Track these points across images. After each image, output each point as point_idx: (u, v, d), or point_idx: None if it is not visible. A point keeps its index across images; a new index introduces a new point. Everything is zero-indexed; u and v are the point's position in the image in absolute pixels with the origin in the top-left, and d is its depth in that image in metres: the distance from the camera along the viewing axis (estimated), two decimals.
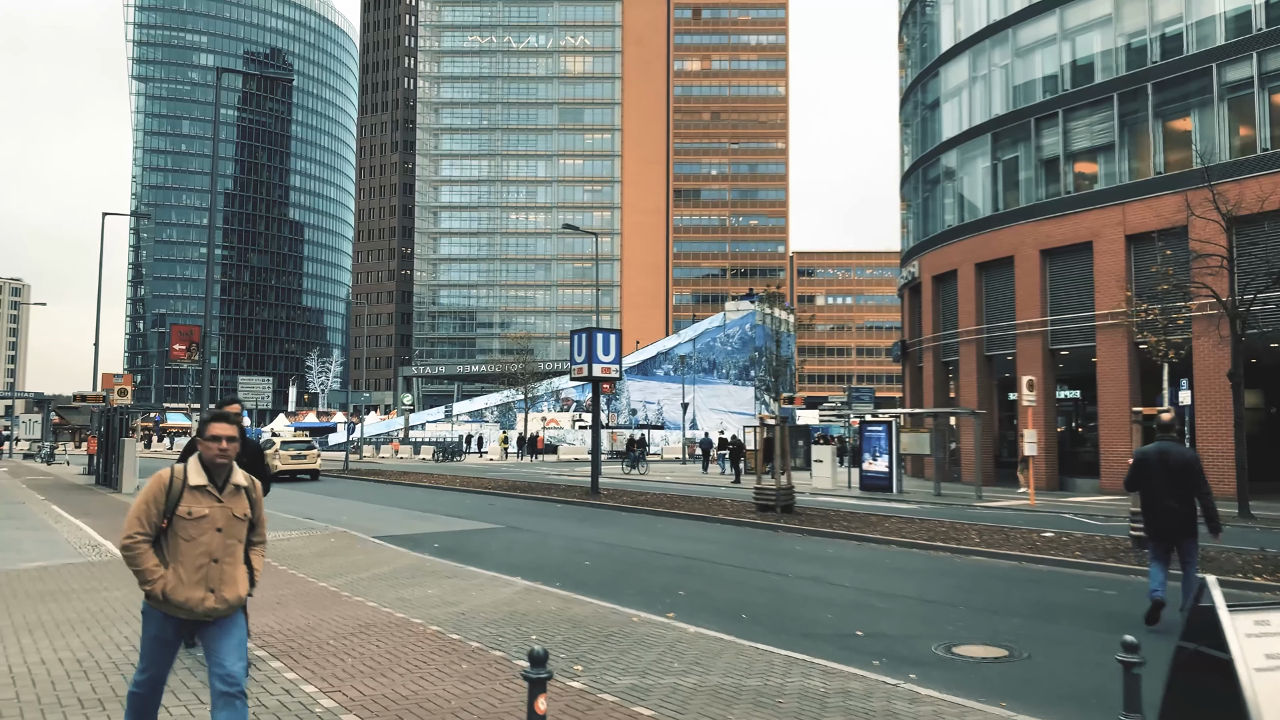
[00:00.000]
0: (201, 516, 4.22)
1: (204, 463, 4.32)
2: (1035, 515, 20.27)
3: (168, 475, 4.25)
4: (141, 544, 4.15)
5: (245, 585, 4.40)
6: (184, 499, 4.22)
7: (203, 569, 4.21)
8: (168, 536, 4.22)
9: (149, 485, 4.23)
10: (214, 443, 4.30)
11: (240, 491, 4.39)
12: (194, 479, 4.24)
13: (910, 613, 9.56)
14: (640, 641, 7.79)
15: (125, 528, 4.14)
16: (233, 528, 4.31)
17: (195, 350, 22.10)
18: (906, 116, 39.26)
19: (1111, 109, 27.46)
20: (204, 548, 4.22)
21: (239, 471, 4.43)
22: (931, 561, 13.10)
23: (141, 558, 4.12)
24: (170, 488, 4.24)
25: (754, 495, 19.06)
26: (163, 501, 4.21)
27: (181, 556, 4.17)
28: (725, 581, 11.37)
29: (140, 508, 4.16)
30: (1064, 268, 28.72)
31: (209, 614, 4.22)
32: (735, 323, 74.25)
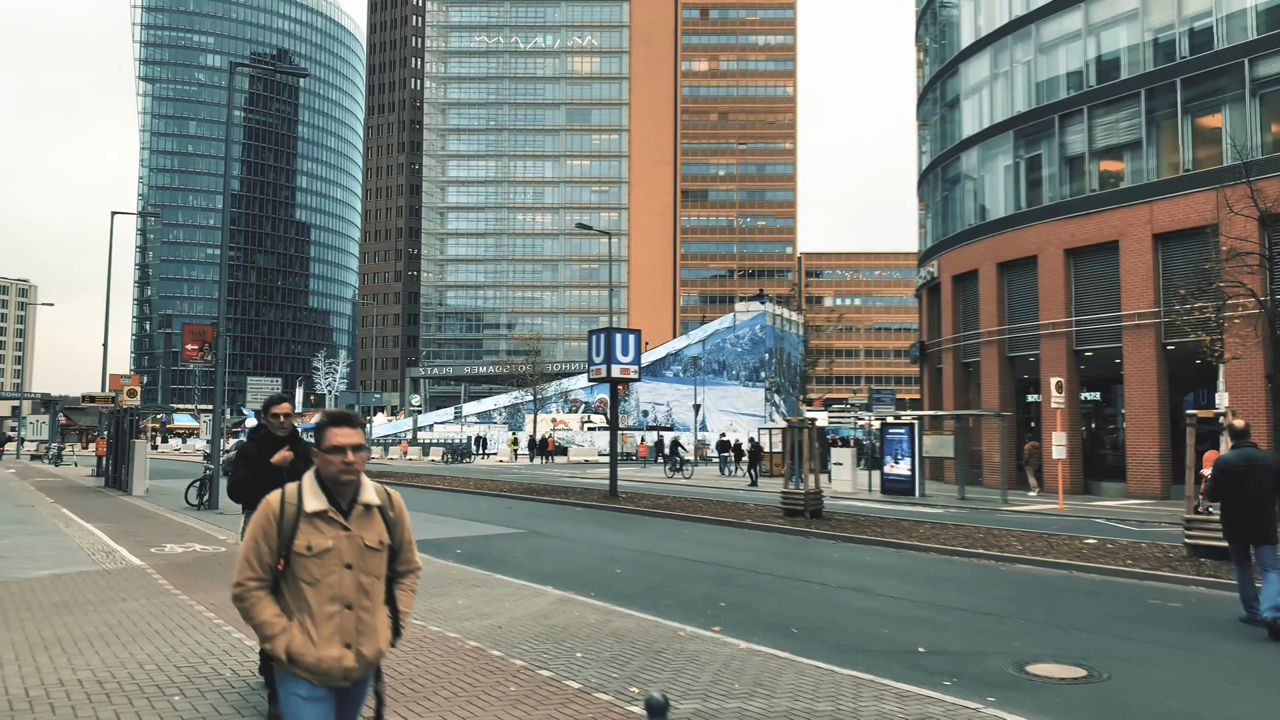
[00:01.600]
0: (324, 551, 3.25)
1: (323, 481, 3.33)
2: (1067, 520, 19.76)
3: (276, 501, 3.29)
4: (254, 591, 3.23)
5: (387, 635, 3.39)
6: (300, 530, 3.25)
7: (335, 619, 3.24)
8: (286, 580, 3.27)
9: (258, 516, 3.29)
10: (337, 455, 3.27)
11: (372, 513, 3.37)
12: (310, 503, 3.27)
13: (969, 626, 9.07)
14: (693, 659, 7.32)
15: (235, 571, 3.27)
16: (366, 561, 3.32)
17: (208, 350, 21.68)
18: (924, 115, 38.75)
19: (1139, 105, 26.94)
20: (333, 592, 3.25)
21: (369, 486, 3.40)
22: (976, 570, 12.61)
23: (256, 607, 3.22)
24: (281, 517, 3.26)
25: (781, 500, 18.58)
26: (274, 535, 3.24)
27: (307, 604, 3.23)
28: (767, 592, 10.89)
29: (249, 546, 3.28)
30: (1089, 267, 28.19)
31: (347, 676, 3.26)
32: (745, 324, 73.70)
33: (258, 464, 5.96)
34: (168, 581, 10.51)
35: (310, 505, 3.27)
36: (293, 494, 3.32)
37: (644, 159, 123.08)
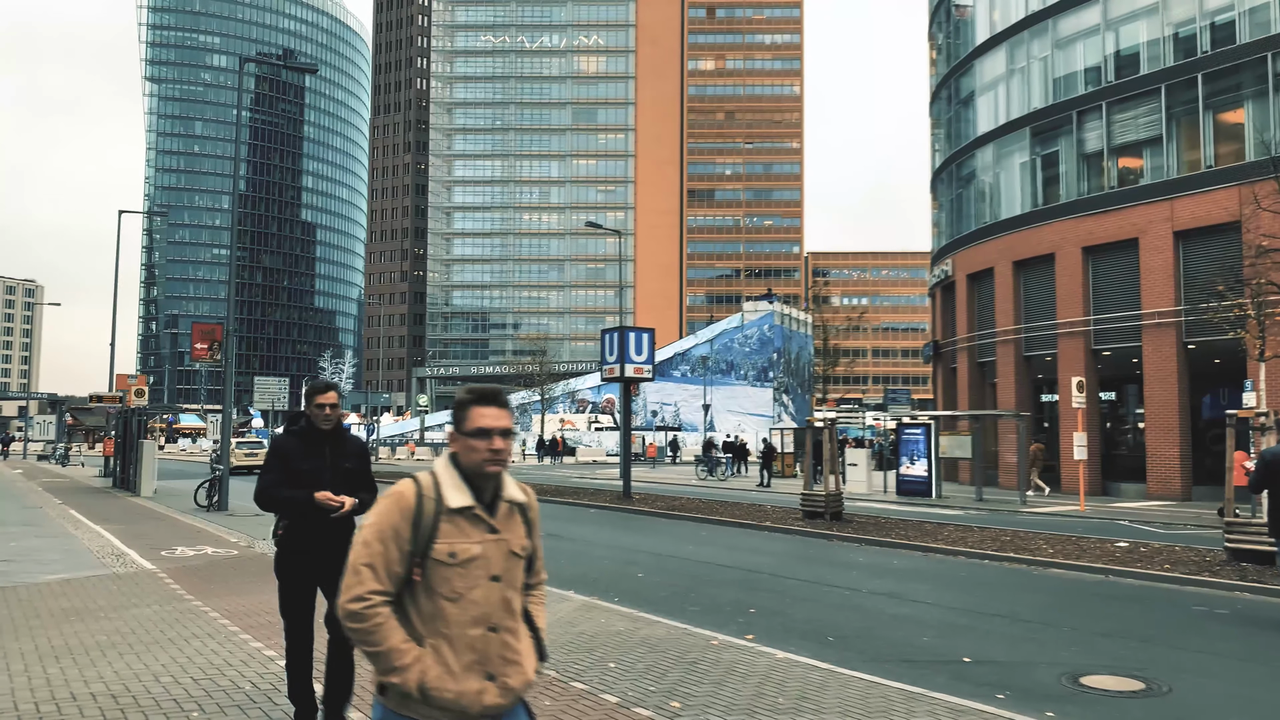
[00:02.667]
0: (470, 559, 2.60)
1: (462, 470, 2.67)
2: (1090, 522, 19.40)
3: (412, 493, 2.62)
4: (380, 608, 2.54)
5: (533, 661, 2.76)
6: (440, 530, 2.59)
7: (477, 644, 2.59)
8: (416, 594, 2.60)
9: (383, 510, 2.61)
10: (482, 440, 2.63)
11: (516, 512, 2.76)
12: (454, 498, 2.62)
13: (1012, 634, 8.74)
14: (730, 670, 7.00)
15: (349, 583, 2.55)
16: (512, 572, 2.70)
17: (217, 349, 21.41)
18: (937, 112, 38.38)
19: (1159, 101, 26.55)
20: (478, 610, 2.60)
21: (509, 479, 2.78)
22: (1009, 574, 12.26)
23: (382, 630, 2.52)
24: (419, 513, 2.59)
25: (801, 501, 18.24)
26: (408, 537, 2.56)
27: (445, 625, 2.58)
28: (796, 598, 10.56)
29: (372, 550, 2.56)
30: (1108, 265, 27.81)
31: (487, 714, 2.62)
32: (753, 323, 73.34)
33: (297, 464, 5.00)
34: (180, 586, 10.21)
35: (453, 500, 2.61)
36: (429, 484, 2.64)
37: (650, 158, 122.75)
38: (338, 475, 5.04)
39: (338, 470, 5.05)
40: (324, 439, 5.07)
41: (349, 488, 5.07)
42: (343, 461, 5.11)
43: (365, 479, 5.18)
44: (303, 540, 5.05)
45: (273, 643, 7.45)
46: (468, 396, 2.69)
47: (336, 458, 5.08)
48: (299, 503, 4.95)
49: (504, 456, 2.66)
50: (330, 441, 5.09)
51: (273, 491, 5.04)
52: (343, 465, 5.10)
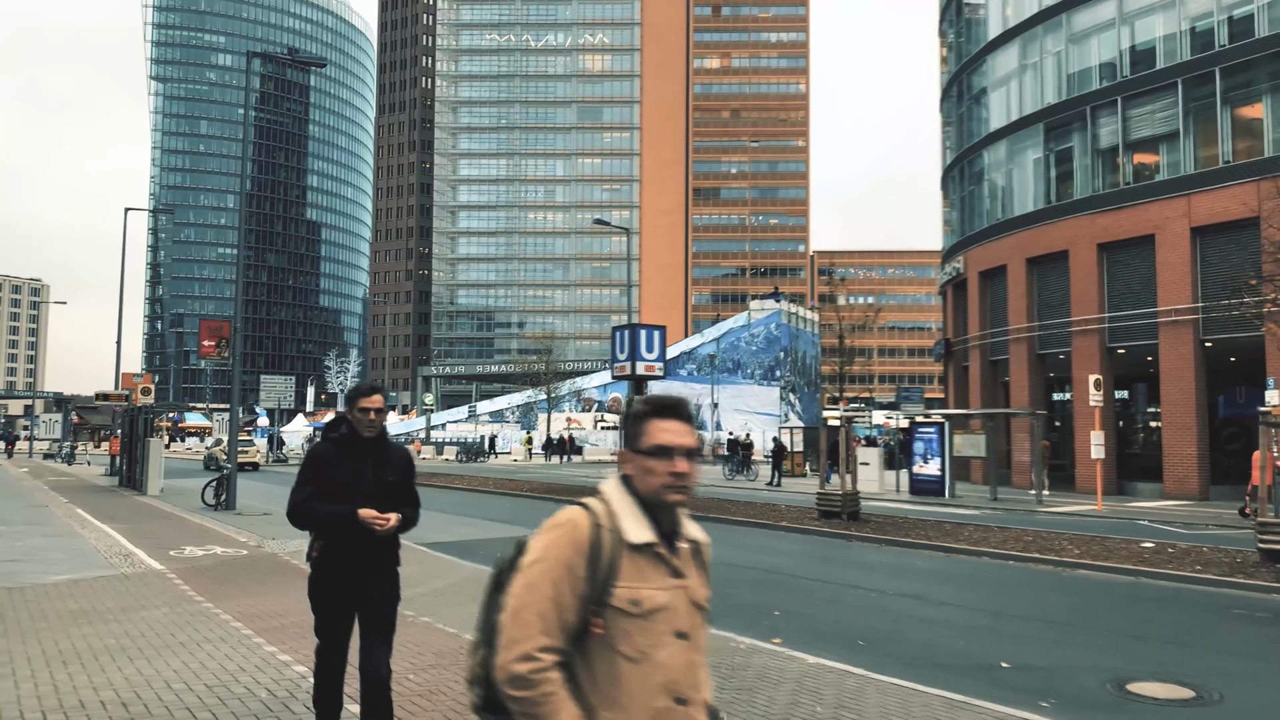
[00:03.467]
0: (655, 610, 2.08)
1: (641, 500, 2.16)
2: (1109, 522, 19.11)
3: (586, 522, 2.11)
4: (550, 671, 2.01)
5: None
6: (621, 570, 2.07)
7: (661, 719, 2.06)
8: (590, 652, 2.07)
9: (552, 543, 2.09)
10: (662, 460, 2.14)
11: (698, 553, 2.26)
12: (634, 531, 2.11)
13: (1046, 638, 8.47)
14: (762, 676, 6.75)
15: (514, 635, 2.01)
16: (697, 630, 2.19)
17: (225, 346, 21.18)
18: (948, 109, 38.06)
19: (1175, 95, 26.21)
20: (663, 675, 2.07)
21: (684, 516, 2.25)
22: (1035, 576, 11.98)
23: (552, 703, 2.00)
24: (596, 548, 2.07)
25: (817, 501, 17.97)
26: (583, 576, 2.05)
27: (624, 694, 2.05)
28: (820, 600, 10.30)
29: (539, 590, 2.04)
30: (1123, 262, 27.49)
31: None
32: (760, 322, 72.97)
33: (336, 476, 4.46)
34: (190, 587, 9.98)
35: (633, 533, 2.10)
36: (604, 513, 2.13)
37: (655, 157, 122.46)
38: (380, 489, 4.48)
39: (380, 483, 4.50)
40: (366, 448, 4.53)
41: (392, 503, 4.50)
42: (386, 473, 4.55)
43: (409, 493, 4.67)
44: (342, 563, 4.47)
45: (287, 647, 7.21)
46: (644, 407, 2.22)
47: (379, 469, 4.52)
48: (339, 520, 4.38)
49: (688, 482, 2.15)
50: (373, 451, 4.54)
51: (308, 507, 4.45)
52: (386, 478, 4.53)
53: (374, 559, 4.52)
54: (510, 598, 2.07)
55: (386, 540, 4.53)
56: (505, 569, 2.23)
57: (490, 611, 2.21)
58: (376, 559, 4.53)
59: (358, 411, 4.50)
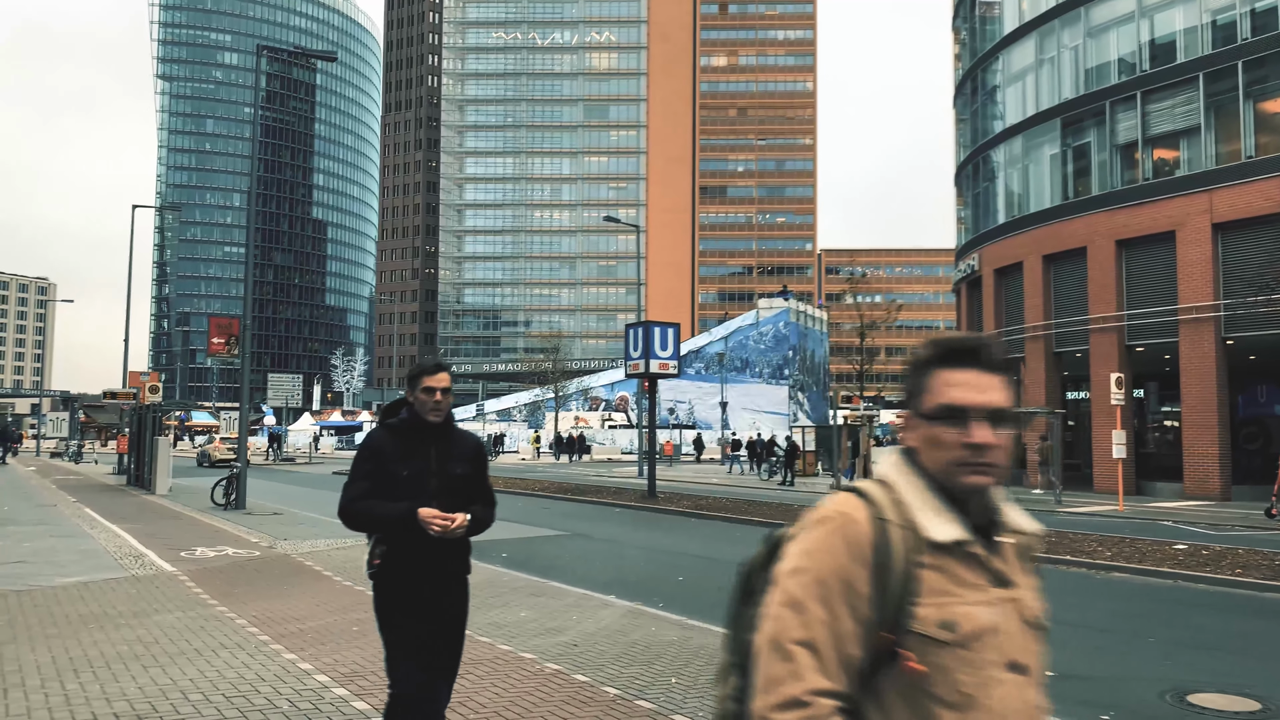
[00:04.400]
0: (979, 633, 1.52)
1: (936, 481, 1.60)
2: (1133, 523, 18.76)
3: (864, 515, 1.55)
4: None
5: None
6: (924, 584, 1.52)
7: None
8: (886, 697, 1.51)
9: (816, 547, 1.54)
10: (952, 427, 1.58)
11: (1026, 551, 1.72)
12: (935, 526, 1.56)
13: (1092, 645, 8.15)
14: None
15: (774, 673, 1.48)
16: (1036, 656, 1.66)
17: (234, 344, 20.93)
18: (962, 104, 37.68)
19: (1196, 90, 25.82)
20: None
21: (1003, 501, 1.69)
22: (1068, 579, 11.65)
23: None
24: (883, 551, 1.52)
25: None
26: (867, 593, 1.50)
27: None
28: None
29: (807, 613, 1.50)
30: (1142, 259, 27.11)
31: None
32: (768, 320, 72.67)
33: (395, 469, 3.84)
34: (203, 590, 9.71)
35: (935, 529, 1.54)
36: (887, 502, 1.56)
37: (662, 155, 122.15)
38: (446, 483, 3.86)
39: (446, 476, 3.87)
40: (430, 435, 3.91)
41: (460, 500, 3.87)
42: (453, 465, 3.92)
43: (482, 488, 4.05)
44: (411, 572, 3.82)
45: (307, 654, 6.93)
46: (930, 352, 1.64)
47: (444, 460, 3.90)
48: (397, 520, 3.75)
49: (993, 458, 1.56)
50: (438, 439, 3.92)
51: (361, 505, 3.82)
52: (453, 470, 3.91)
53: (445, 567, 3.91)
54: (767, 619, 1.52)
55: (458, 546, 3.93)
56: (755, 571, 1.73)
57: (741, 628, 1.69)
58: (448, 568, 3.92)
59: (421, 392, 3.88)
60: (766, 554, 1.72)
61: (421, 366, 3.95)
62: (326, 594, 9.67)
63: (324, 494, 25.71)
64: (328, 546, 13.37)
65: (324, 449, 66.95)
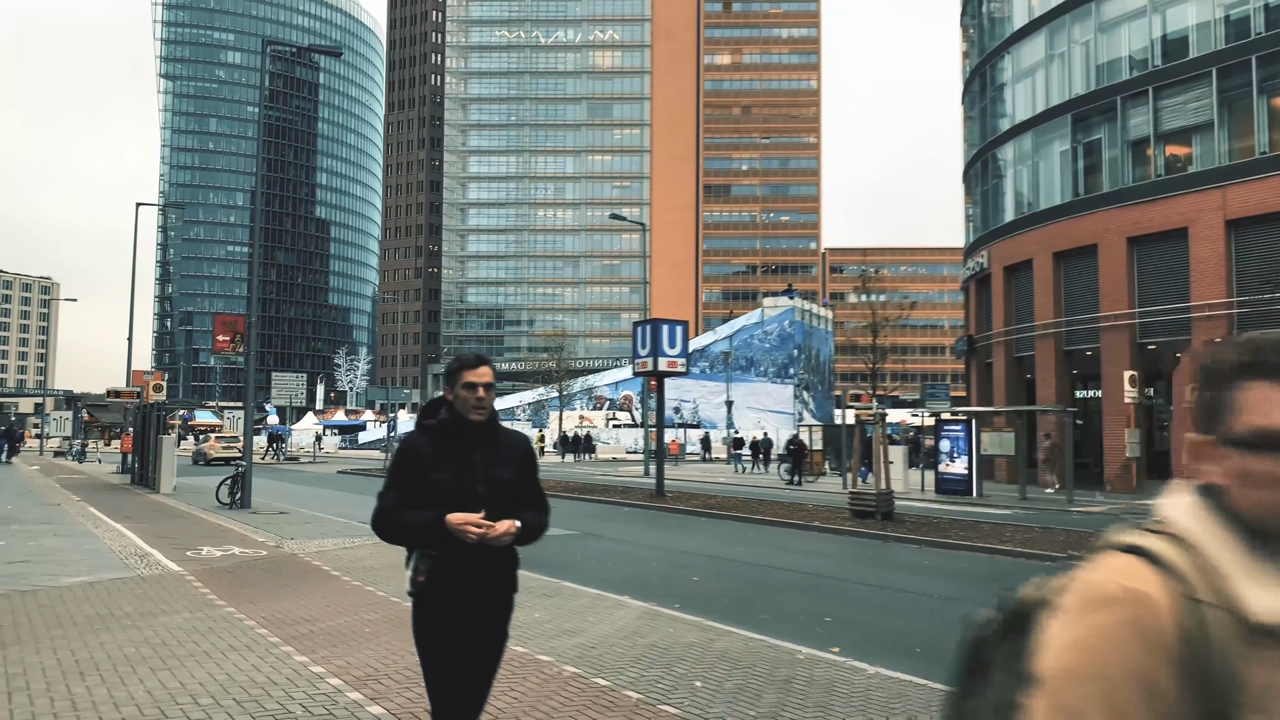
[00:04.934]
0: None
1: (1262, 536, 1.14)
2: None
3: (1163, 600, 1.09)
4: None
5: None
6: (1252, 682, 1.08)
7: None
8: None
9: (1100, 642, 1.09)
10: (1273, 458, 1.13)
11: None
12: (1268, 603, 1.10)
13: None
14: (829, 690, 6.25)
15: None
16: None
17: (239, 341, 20.76)
18: (970, 101, 37.45)
19: (1209, 85, 25.60)
20: None
21: None
22: None
23: None
24: (1196, 651, 1.08)
25: (849, 500, 17.47)
26: (1171, 702, 1.07)
27: None
28: (871, 605, 9.80)
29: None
30: (1154, 256, 26.88)
31: None
32: (773, 319, 72.40)
33: (434, 474, 3.42)
34: (210, 590, 9.52)
35: (1268, 606, 1.11)
36: (1192, 568, 1.13)
37: (666, 154, 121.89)
38: (492, 489, 3.43)
39: (491, 482, 3.44)
40: (474, 437, 3.48)
41: (509, 507, 3.43)
42: (500, 469, 3.49)
43: (533, 493, 3.61)
44: (455, 589, 3.41)
45: (318, 657, 6.74)
46: (1238, 357, 1.19)
47: (490, 464, 3.47)
48: (425, 530, 3.34)
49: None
50: (482, 440, 3.50)
51: (394, 515, 3.41)
52: (500, 475, 3.48)
53: (492, 582, 3.49)
54: None
55: (506, 560, 3.50)
56: (989, 644, 1.34)
57: (964, 713, 1.35)
58: (494, 582, 3.50)
59: (462, 389, 3.45)
60: (1005, 623, 1.34)
61: (461, 360, 3.51)
62: (336, 594, 9.48)
63: (329, 493, 25.53)
64: (335, 546, 13.19)
65: (328, 448, 66.83)
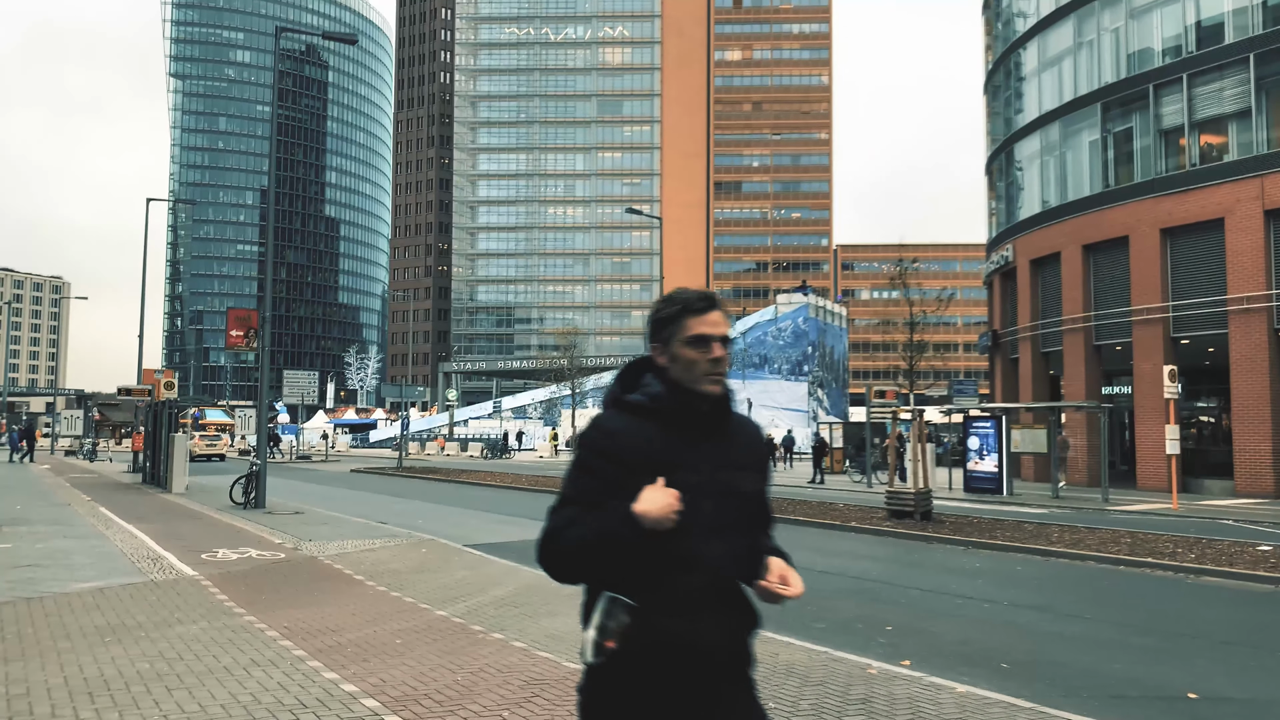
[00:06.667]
0: None
1: None
2: (1191, 521, 17.88)
3: None
4: None
5: None
6: None
7: None
8: None
9: None
10: None
11: None
12: None
13: (1221, 661, 7.31)
14: (915, 711, 5.64)
15: None
16: None
17: (253, 337, 20.22)
18: (994, 91, 36.72)
19: (1247, 72, 24.83)
20: None
21: None
22: (1159, 584, 10.79)
23: None
24: None
25: (886, 500, 16.82)
26: None
27: None
28: (932, 613, 9.17)
29: None
30: (1188, 248, 26.14)
31: None
32: (787, 316, 71.64)
33: (646, 480, 2.14)
34: (228, 597, 8.95)
35: None
36: None
37: (676, 151, 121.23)
38: (734, 508, 2.24)
39: (731, 494, 2.23)
40: (703, 429, 2.26)
41: (750, 530, 2.30)
42: (741, 477, 2.27)
43: (769, 515, 2.40)
44: (673, 663, 2.15)
45: (349, 673, 6.15)
46: None
47: (723, 468, 2.24)
48: (613, 538, 2.11)
49: None
50: (712, 429, 2.27)
51: (570, 535, 2.17)
52: (742, 486, 2.27)
53: (727, 650, 2.22)
54: None
55: (747, 615, 2.28)
56: None
57: None
58: (730, 651, 2.24)
59: (685, 345, 2.23)
60: None
61: (683, 301, 2.27)
62: (360, 601, 8.91)
63: (344, 492, 25.01)
64: (355, 548, 12.62)
65: (340, 447, 66.44)
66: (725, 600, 2.22)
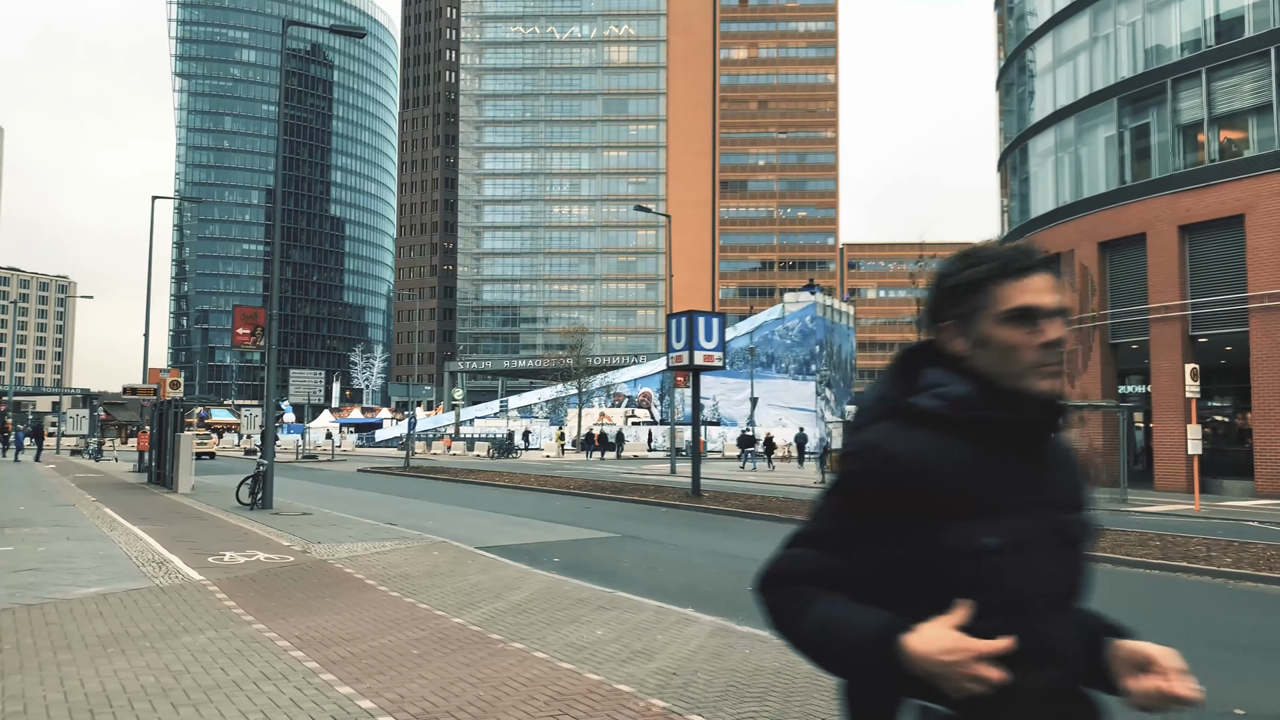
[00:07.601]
0: None
1: None
2: (1214, 523, 17.51)
3: None
4: None
5: None
6: None
7: None
8: None
9: None
10: None
11: None
12: None
13: (1274, 671, 6.97)
14: None
15: None
16: None
17: (260, 335, 19.93)
18: (1006, 88, 36.32)
19: (1268, 65, 24.44)
20: None
21: None
22: (1198, 590, 10.44)
23: None
24: None
25: None
26: None
27: None
28: None
29: None
30: (1207, 244, 25.75)
31: None
32: (794, 315, 71.28)
33: (968, 545, 1.50)
34: (236, 603, 8.65)
35: None
36: None
37: (682, 149, 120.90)
38: (1069, 567, 1.60)
39: (1066, 536, 1.59)
40: (1034, 450, 1.59)
41: (1075, 582, 1.61)
42: (1072, 526, 1.62)
43: (1088, 575, 1.68)
44: None
45: (364, 687, 5.84)
46: None
47: (1055, 508, 1.58)
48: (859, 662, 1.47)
49: None
50: (1041, 455, 1.60)
51: (803, 596, 1.56)
52: (1075, 537, 1.62)
53: None
54: None
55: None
56: None
57: None
58: None
59: (1000, 323, 1.58)
60: None
61: (998, 257, 1.63)
62: (374, 607, 8.60)
63: (351, 492, 24.75)
64: (366, 551, 12.32)
65: (345, 446, 66.25)
66: (1075, 709, 1.56)
